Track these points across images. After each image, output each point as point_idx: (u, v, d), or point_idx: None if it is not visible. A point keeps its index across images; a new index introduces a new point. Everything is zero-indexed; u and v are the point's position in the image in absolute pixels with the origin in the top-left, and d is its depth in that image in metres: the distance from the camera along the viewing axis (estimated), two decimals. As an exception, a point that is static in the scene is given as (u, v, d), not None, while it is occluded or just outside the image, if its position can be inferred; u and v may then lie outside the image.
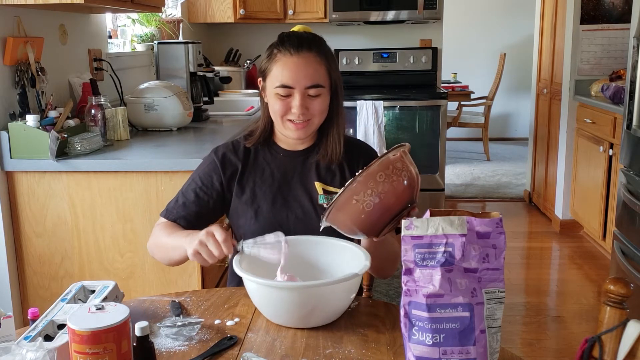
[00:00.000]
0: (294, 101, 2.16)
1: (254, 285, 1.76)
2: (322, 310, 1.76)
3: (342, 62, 6.78)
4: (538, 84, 7.21)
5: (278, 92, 2.17)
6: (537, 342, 4.14)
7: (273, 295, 1.74)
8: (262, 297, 1.79)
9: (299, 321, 1.77)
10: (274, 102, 2.20)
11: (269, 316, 1.82)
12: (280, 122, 2.22)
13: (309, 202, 2.24)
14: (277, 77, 2.17)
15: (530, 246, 6.10)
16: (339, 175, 2.29)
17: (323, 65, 2.20)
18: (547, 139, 6.83)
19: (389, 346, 1.67)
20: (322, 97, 2.20)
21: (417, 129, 6.27)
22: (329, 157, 2.27)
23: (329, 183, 2.27)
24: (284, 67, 2.16)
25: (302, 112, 2.17)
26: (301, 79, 2.15)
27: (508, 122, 11.39)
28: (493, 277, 1.42)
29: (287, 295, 1.73)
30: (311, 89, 2.17)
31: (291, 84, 2.15)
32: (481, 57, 11.07)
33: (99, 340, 1.40)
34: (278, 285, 1.75)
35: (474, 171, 8.95)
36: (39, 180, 3.07)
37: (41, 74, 3.22)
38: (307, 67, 2.16)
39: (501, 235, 1.42)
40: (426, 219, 1.43)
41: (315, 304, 1.73)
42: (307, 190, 2.26)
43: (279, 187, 2.26)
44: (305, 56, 2.16)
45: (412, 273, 1.42)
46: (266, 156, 2.32)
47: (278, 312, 1.78)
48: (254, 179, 2.28)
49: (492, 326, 1.43)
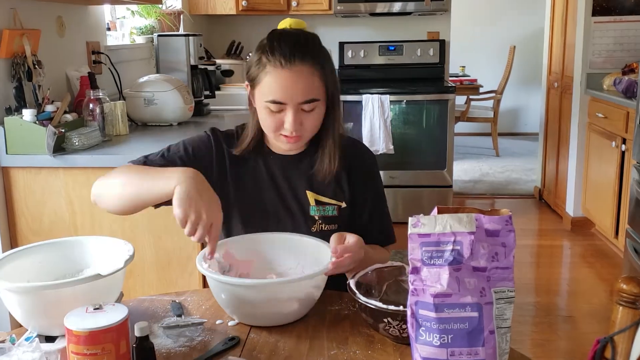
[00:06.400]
0: (286, 117, 2.04)
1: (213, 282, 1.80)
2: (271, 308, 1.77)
3: (347, 55, 6.78)
4: (549, 77, 7.19)
5: (269, 106, 2.04)
6: (547, 343, 4.14)
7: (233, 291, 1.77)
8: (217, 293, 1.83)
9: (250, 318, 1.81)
10: (265, 117, 2.08)
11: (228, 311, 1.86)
12: (272, 135, 2.12)
13: (300, 213, 2.17)
14: (268, 90, 2.03)
15: (541, 244, 6.09)
16: (333, 184, 2.19)
17: (317, 76, 2.04)
18: (558, 134, 6.82)
19: (395, 347, 1.67)
20: (317, 110, 2.07)
21: (424, 124, 6.27)
22: (324, 172, 2.16)
23: (321, 193, 2.18)
24: (274, 81, 2.02)
25: (296, 129, 2.05)
26: (294, 94, 2.01)
27: (518, 116, 11.38)
28: (502, 276, 1.42)
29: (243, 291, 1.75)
30: (305, 104, 2.03)
31: (283, 100, 2.02)
32: (490, 50, 11.04)
33: (97, 341, 1.40)
34: (231, 282, 1.76)
35: (483, 167, 8.95)
36: (35, 176, 3.07)
37: (38, 67, 3.22)
38: (300, 81, 2.01)
39: (511, 233, 1.42)
40: (434, 216, 1.43)
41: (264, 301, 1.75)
42: (297, 199, 2.18)
43: (268, 193, 2.19)
44: (298, 69, 2.01)
45: (419, 272, 1.42)
46: (257, 157, 2.22)
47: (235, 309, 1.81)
48: (243, 178, 2.20)
49: (501, 326, 1.43)
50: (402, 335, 1.62)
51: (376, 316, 1.65)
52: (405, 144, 6.21)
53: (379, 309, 1.62)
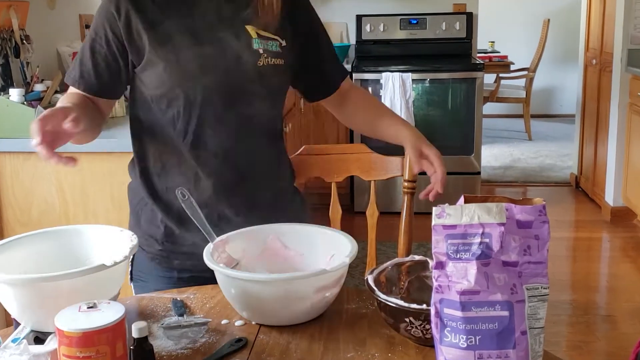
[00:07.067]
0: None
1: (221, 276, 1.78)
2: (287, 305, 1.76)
3: (365, 29, 6.77)
4: (586, 53, 7.17)
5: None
6: (585, 345, 4.14)
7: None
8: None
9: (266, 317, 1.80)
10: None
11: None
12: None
13: (242, 46, 2.08)
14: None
15: (578, 237, 6.09)
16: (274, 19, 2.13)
17: None
18: (596, 116, 6.79)
19: (417, 349, 1.67)
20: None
21: (449, 105, 6.26)
22: (265, 7, 2.10)
23: (261, 27, 2.11)
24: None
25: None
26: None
27: (552, 96, 11.36)
28: (535, 272, 1.41)
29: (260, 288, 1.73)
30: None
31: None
32: (522, 24, 11.02)
33: (91, 343, 1.40)
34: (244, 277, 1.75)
35: (514, 152, 8.94)
36: (23, 162, 3.08)
37: (26, 43, 3.23)
38: None
39: (544, 224, 1.41)
40: (460, 206, 1.42)
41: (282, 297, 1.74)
42: (236, 34, 2.09)
43: (200, 29, 2.07)
44: None
45: (445, 267, 1.42)
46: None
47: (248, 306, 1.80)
48: (165, 18, 2.05)
49: (534, 327, 1.42)
50: (426, 336, 1.62)
51: (397, 315, 1.64)
52: (428, 127, 6.19)
53: (400, 307, 1.61)
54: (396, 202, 6.16)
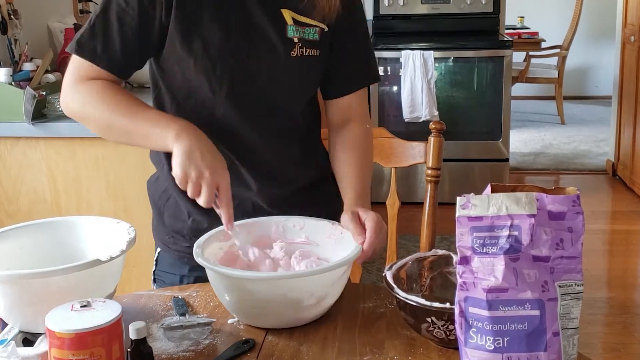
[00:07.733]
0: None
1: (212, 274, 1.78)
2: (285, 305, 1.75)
3: (384, 4, 6.76)
4: (624, 29, 7.15)
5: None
6: (622, 347, 4.13)
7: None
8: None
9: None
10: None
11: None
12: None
13: (276, 35, 2.05)
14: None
15: (615, 229, 6.08)
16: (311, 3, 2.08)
17: None
18: (635, 98, 6.77)
19: (440, 352, 1.67)
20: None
21: (475, 86, 6.26)
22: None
23: (300, 12, 2.08)
24: None
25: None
26: None
27: (587, 76, 11.33)
28: (569, 268, 1.41)
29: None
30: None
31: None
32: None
33: (84, 345, 1.40)
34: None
35: (545, 137, 8.92)
36: (11, 147, 3.08)
37: (14, 18, 3.23)
38: None
39: (579, 215, 1.41)
40: (486, 196, 1.42)
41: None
42: (271, 19, 2.05)
43: (233, 13, 2.04)
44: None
45: (470, 262, 1.42)
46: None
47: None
48: None
49: (567, 327, 1.42)
50: (449, 337, 1.62)
51: (418, 315, 1.64)
52: (452, 110, 6.19)
53: (422, 306, 1.61)
54: (417, 192, 6.16)
